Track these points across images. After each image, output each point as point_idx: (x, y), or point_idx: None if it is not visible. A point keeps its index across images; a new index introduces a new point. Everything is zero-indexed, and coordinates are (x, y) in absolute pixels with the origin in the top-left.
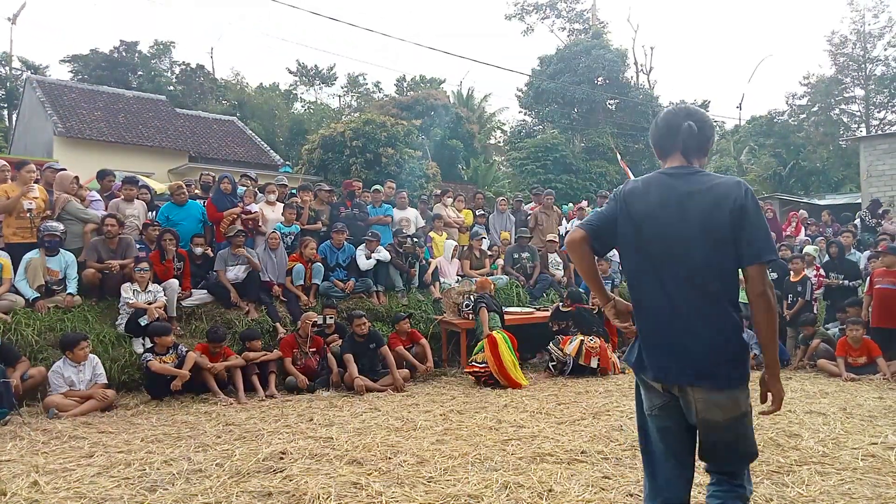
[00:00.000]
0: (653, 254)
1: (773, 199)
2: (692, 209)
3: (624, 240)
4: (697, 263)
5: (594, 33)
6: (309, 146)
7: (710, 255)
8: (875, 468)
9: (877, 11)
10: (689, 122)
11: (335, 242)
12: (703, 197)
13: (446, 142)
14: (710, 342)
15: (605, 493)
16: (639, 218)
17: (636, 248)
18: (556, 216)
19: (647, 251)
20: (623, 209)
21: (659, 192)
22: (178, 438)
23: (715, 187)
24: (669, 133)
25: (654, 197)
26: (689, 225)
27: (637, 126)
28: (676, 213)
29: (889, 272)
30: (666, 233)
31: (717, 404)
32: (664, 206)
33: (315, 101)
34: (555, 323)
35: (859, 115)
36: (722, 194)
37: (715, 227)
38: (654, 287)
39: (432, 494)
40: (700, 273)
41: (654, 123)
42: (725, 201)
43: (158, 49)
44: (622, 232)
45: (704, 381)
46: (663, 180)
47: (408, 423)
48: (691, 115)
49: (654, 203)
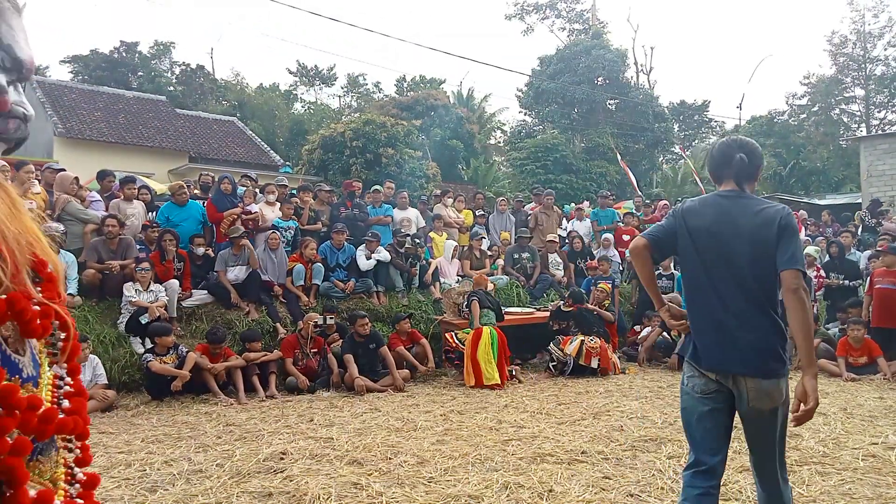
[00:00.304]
0: (707, 262)
1: (774, 199)
2: (743, 227)
3: (682, 250)
4: (745, 271)
5: (594, 33)
6: (309, 146)
7: (756, 265)
8: (875, 468)
9: (877, 11)
10: (741, 154)
11: (335, 243)
12: (752, 219)
13: (446, 142)
14: (757, 338)
15: (606, 494)
16: (695, 232)
17: (693, 258)
18: (556, 216)
19: (702, 259)
20: (681, 224)
21: (714, 211)
22: (179, 439)
23: (763, 211)
24: (724, 162)
25: (709, 215)
26: (741, 240)
27: (637, 126)
28: (729, 229)
29: (889, 272)
30: (719, 245)
31: (765, 392)
32: (718, 223)
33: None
34: (555, 322)
35: (859, 114)
36: (770, 217)
37: (761, 243)
38: (708, 290)
39: (433, 495)
40: (747, 279)
41: (710, 153)
42: (773, 223)
43: (158, 49)
44: (681, 244)
45: (754, 371)
46: (718, 201)
47: (408, 424)
48: (742, 147)
49: (710, 220)
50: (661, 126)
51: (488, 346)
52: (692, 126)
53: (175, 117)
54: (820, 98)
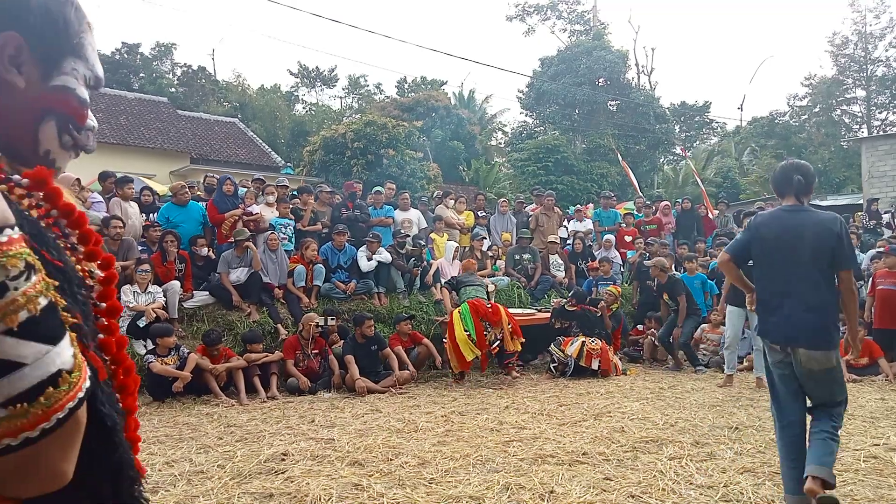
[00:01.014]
0: (775, 261)
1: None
2: (805, 234)
3: (756, 254)
4: (806, 268)
5: (595, 34)
6: (310, 148)
7: (815, 263)
8: (877, 469)
9: (878, 12)
10: (798, 175)
11: (336, 244)
12: (813, 227)
13: (447, 143)
14: (813, 318)
15: (607, 495)
16: (767, 239)
17: (765, 259)
18: (557, 217)
19: (772, 259)
20: (755, 234)
21: (780, 222)
22: (180, 440)
23: (821, 221)
24: (785, 182)
25: (777, 226)
26: (803, 244)
27: (638, 127)
28: (794, 236)
29: (891, 273)
30: (786, 249)
31: (815, 359)
32: (785, 232)
33: (316, 102)
34: (558, 321)
35: (861, 115)
36: (827, 226)
37: (819, 246)
38: (776, 283)
39: (433, 496)
40: (808, 275)
41: (774, 174)
42: (830, 230)
43: (160, 51)
44: (755, 250)
45: (806, 344)
46: (783, 215)
47: (409, 425)
48: (799, 169)
49: (778, 229)
50: (662, 127)
51: (460, 325)
52: (693, 127)
53: (176, 119)
54: (821, 99)
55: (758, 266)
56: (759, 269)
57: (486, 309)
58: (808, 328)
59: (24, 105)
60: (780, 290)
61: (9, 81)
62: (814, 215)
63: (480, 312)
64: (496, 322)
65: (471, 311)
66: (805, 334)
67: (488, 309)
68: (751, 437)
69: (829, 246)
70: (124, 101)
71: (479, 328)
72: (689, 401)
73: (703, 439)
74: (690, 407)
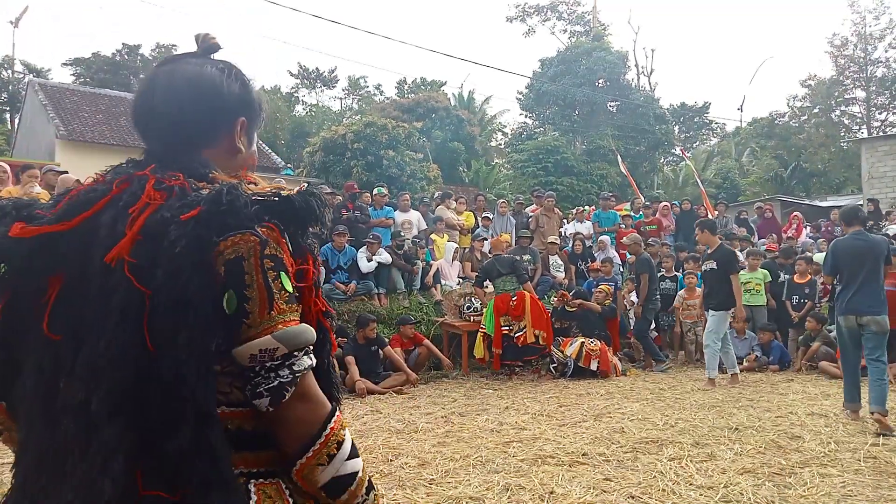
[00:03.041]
0: (849, 268)
1: (775, 200)
2: (866, 251)
3: (842, 266)
4: (868, 271)
5: (595, 35)
6: (310, 149)
7: (873, 268)
8: (877, 469)
9: (877, 13)
10: (861, 213)
11: (336, 245)
12: (872, 247)
13: (447, 144)
14: (874, 296)
15: (607, 496)
16: (843, 256)
17: (842, 268)
18: (557, 218)
19: (847, 267)
20: (838, 255)
21: (851, 245)
22: None
23: (879, 241)
24: (854, 216)
25: (850, 247)
26: (864, 258)
27: (638, 128)
28: (859, 252)
29: (892, 274)
30: (854, 260)
31: (877, 323)
32: (854, 250)
33: (316, 103)
34: (558, 320)
35: (860, 116)
36: (880, 245)
37: (874, 258)
38: (850, 278)
39: (434, 497)
40: (868, 274)
41: (843, 210)
42: (882, 247)
43: (160, 52)
44: (841, 263)
45: (873, 311)
46: (852, 240)
47: (409, 426)
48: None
49: (850, 249)
50: (662, 128)
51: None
52: (693, 128)
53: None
54: (821, 100)
55: (841, 271)
56: (841, 273)
57: (509, 305)
58: (868, 303)
59: (242, 163)
60: (853, 282)
61: (237, 146)
62: (871, 238)
63: (502, 310)
64: (518, 317)
65: (494, 309)
66: (866, 307)
67: (511, 305)
68: (751, 437)
69: (880, 256)
70: (124, 103)
71: (498, 325)
72: (689, 401)
73: (702, 440)
74: (690, 407)
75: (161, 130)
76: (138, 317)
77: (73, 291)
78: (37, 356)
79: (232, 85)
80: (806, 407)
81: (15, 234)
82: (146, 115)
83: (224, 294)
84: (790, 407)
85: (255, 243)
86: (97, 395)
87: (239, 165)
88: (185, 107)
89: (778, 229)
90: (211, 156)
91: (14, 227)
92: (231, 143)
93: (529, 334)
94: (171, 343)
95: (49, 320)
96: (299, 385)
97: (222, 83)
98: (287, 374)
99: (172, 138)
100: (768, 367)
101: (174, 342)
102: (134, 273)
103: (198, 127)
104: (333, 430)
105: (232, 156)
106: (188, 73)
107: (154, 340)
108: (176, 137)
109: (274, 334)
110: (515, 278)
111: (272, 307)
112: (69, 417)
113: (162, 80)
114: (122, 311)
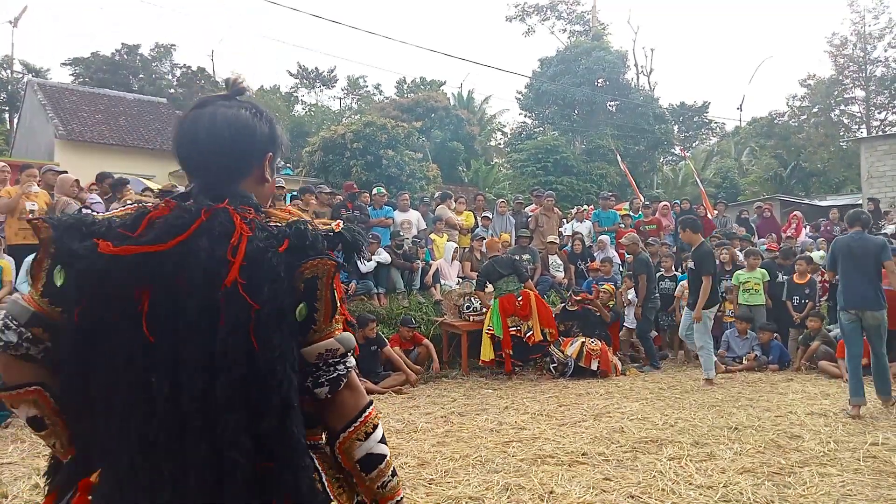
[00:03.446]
0: (846, 264)
1: (774, 200)
2: (865, 249)
3: (839, 262)
4: (868, 266)
5: (594, 35)
6: (310, 148)
7: (872, 264)
8: (876, 469)
9: (877, 13)
10: (864, 215)
11: None
12: (870, 245)
13: (447, 144)
14: (868, 290)
15: (607, 495)
16: (844, 254)
17: (840, 264)
18: (556, 218)
19: (845, 263)
20: (836, 252)
21: (848, 244)
22: None
23: (876, 241)
24: (856, 218)
25: (848, 245)
26: (862, 254)
27: (637, 127)
28: (857, 250)
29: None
30: (853, 258)
31: (874, 317)
32: (853, 248)
33: (316, 103)
34: (561, 323)
35: (860, 116)
36: (878, 244)
37: (873, 255)
38: (848, 273)
39: (433, 496)
40: (867, 269)
41: (848, 214)
42: (881, 246)
43: (159, 52)
44: (837, 261)
45: (868, 306)
46: (850, 240)
47: (409, 426)
48: (864, 213)
49: (849, 247)
50: (662, 127)
51: (488, 321)
52: (692, 127)
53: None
54: (820, 99)
55: (840, 268)
56: (841, 268)
57: (515, 306)
58: (866, 297)
59: (269, 192)
60: (851, 276)
61: (266, 177)
62: (869, 237)
63: (509, 311)
64: (525, 316)
65: (500, 310)
66: (864, 302)
67: (517, 305)
68: (750, 437)
69: (878, 254)
70: (123, 102)
71: (506, 326)
72: (689, 401)
73: (702, 439)
74: (690, 407)
75: (207, 164)
76: (247, 325)
77: (164, 301)
78: (126, 354)
79: (262, 126)
80: (805, 406)
81: (113, 252)
82: (193, 151)
83: (298, 305)
84: (790, 406)
85: (331, 266)
86: (220, 386)
87: (267, 191)
88: (225, 145)
89: (777, 229)
90: (245, 184)
91: (103, 244)
92: (261, 174)
93: (537, 332)
94: (268, 346)
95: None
96: (349, 377)
97: (255, 125)
98: (343, 369)
99: (217, 170)
100: (768, 366)
101: (270, 345)
102: (246, 291)
103: (237, 162)
104: (370, 414)
105: (261, 184)
106: (228, 117)
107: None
108: (220, 170)
109: (336, 337)
110: (516, 278)
111: (333, 317)
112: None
113: (205, 122)
114: (236, 321)
